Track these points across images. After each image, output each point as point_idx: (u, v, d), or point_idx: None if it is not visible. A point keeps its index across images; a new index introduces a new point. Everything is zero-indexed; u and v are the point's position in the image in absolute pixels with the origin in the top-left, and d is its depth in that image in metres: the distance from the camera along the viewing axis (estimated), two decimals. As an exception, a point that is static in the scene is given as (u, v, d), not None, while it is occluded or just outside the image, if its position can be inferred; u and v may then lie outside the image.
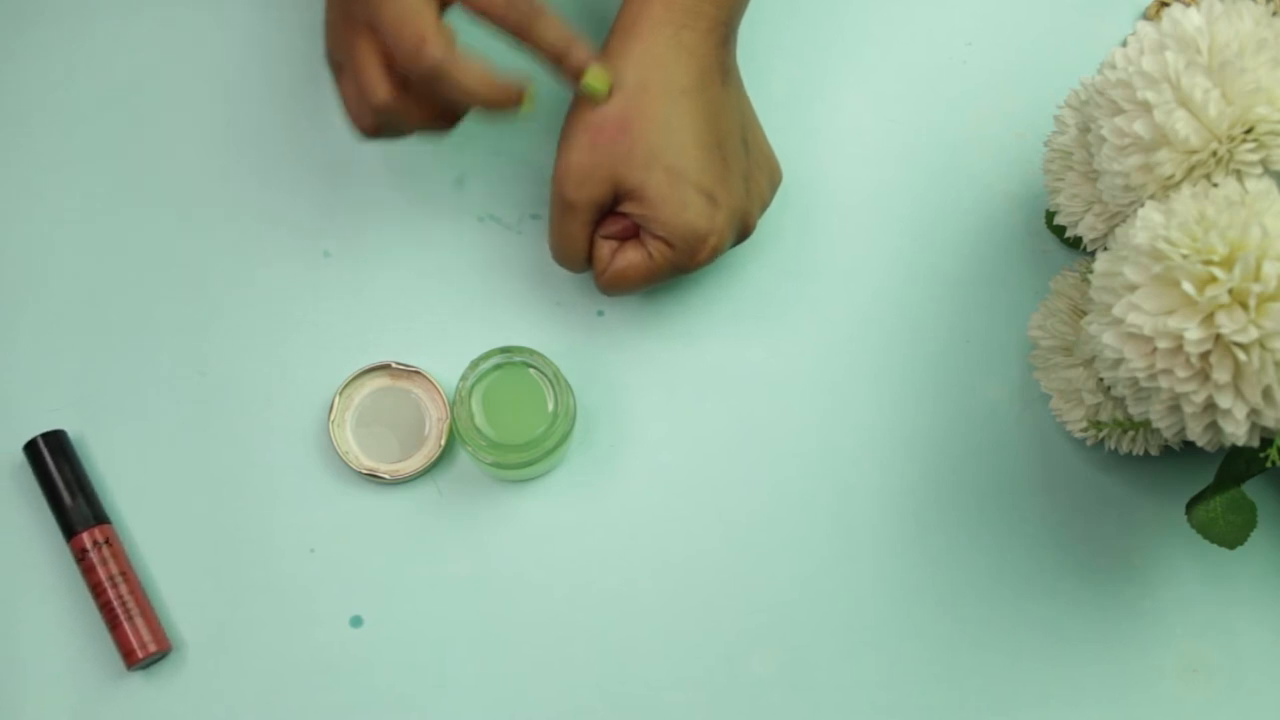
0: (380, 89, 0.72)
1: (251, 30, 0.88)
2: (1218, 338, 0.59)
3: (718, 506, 0.82)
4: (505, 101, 0.73)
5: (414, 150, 0.86)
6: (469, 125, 0.79)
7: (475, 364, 0.75)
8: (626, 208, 0.76)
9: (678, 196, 0.75)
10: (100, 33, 0.87)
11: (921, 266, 0.86)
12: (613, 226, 0.78)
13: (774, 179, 0.81)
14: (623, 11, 0.77)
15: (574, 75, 0.74)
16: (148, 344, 0.82)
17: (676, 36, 0.75)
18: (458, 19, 0.73)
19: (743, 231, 0.79)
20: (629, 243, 0.78)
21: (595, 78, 0.74)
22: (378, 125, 0.75)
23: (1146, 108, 0.65)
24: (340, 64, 0.75)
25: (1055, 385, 0.80)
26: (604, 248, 0.79)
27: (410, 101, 0.73)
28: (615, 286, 0.79)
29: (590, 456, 0.82)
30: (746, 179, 0.78)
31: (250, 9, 0.88)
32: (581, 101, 0.76)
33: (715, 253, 0.77)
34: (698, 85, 0.76)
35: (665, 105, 0.75)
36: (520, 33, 0.73)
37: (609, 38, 0.77)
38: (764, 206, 0.81)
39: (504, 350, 0.75)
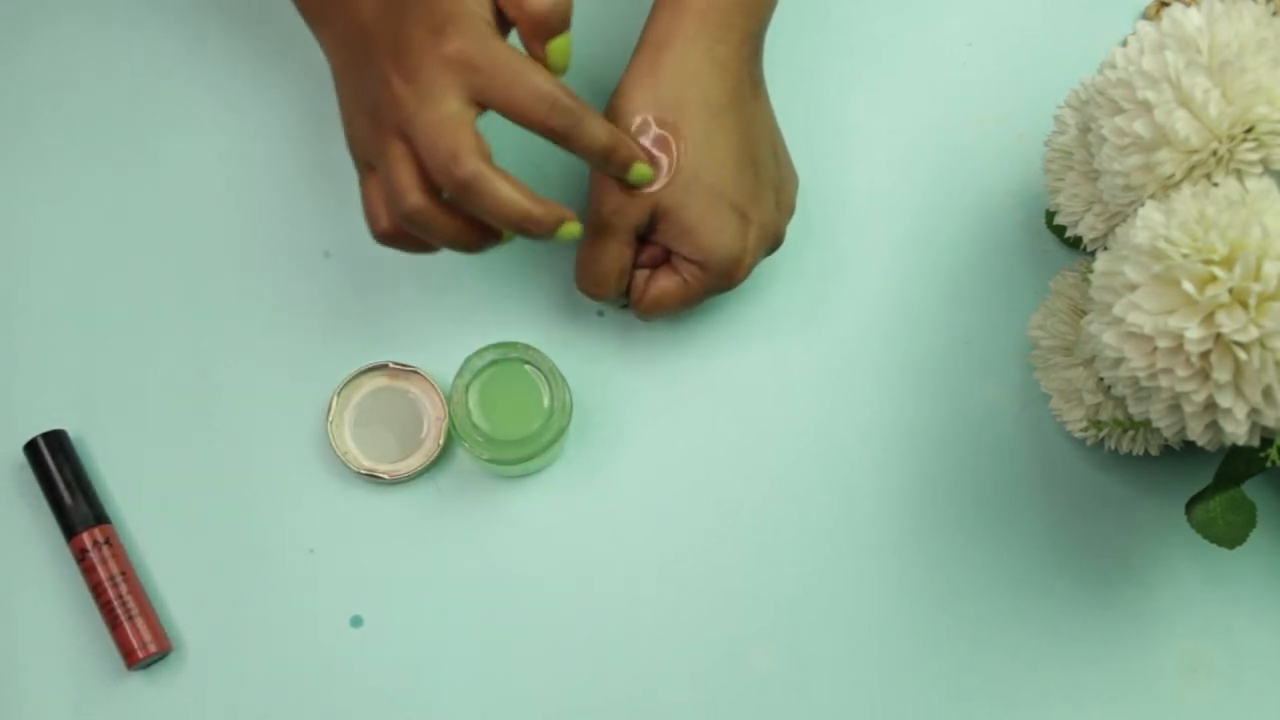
0: (412, 194, 0.67)
1: (255, 31, 0.88)
2: (1218, 337, 0.59)
3: (717, 504, 0.82)
4: (538, 227, 0.67)
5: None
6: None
7: (471, 360, 0.75)
8: (660, 231, 0.76)
9: (714, 219, 0.75)
10: (103, 35, 0.87)
11: (922, 266, 0.86)
12: (643, 255, 0.78)
13: (797, 184, 0.81)
14: (652, 26, 0.76)
15: (620, 172, 0.72)
16: (147, 344, 0.82)
17: (711, 51, 0.75)
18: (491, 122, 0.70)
19: (773, 245, 0.80)
20: (662, 269, 0.78)
21: (641, 171, 0.72)
22: (399, 232, 0.70)
23: (1147, 107, 0.65)
24: (367, 164, 0.71)
25: (1055, 385, 0.80)
26: (638, 276, 0.79)
27: (440, 212, 0.68)
28: (652, 313, 0.79)
29: (589, 454, 0.82)
30: (777, 190, 0.78)
31: (254, 8, 0.88)
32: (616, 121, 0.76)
33: (749, 271, 0.77)
34: (733, 101, 0.75)
35: (703, 123, 0.74)
36: (564, 139, 0.68)
37: (638, 52, 0.76)
38: (791, 215, 0.81)
39: (500, 346, 0.75)
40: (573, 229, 0.69)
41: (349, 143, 0.73)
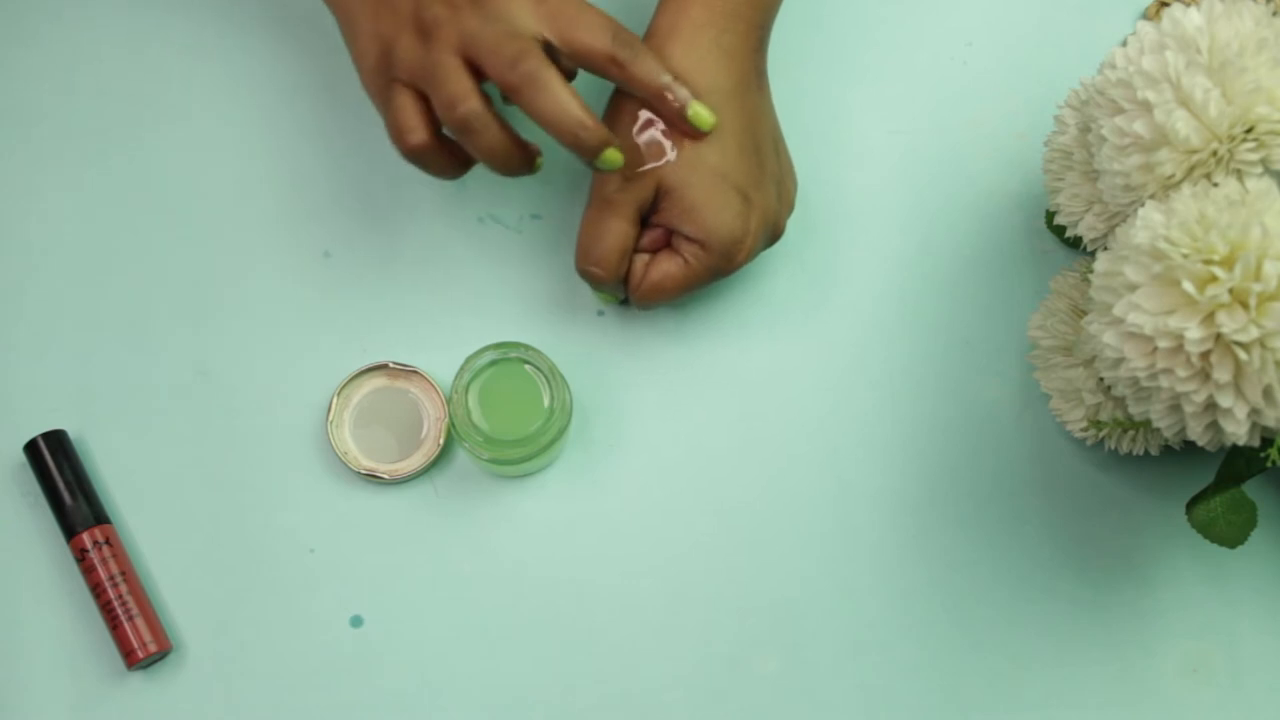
0: (470, 99, 0.70)
1: (256, 31, 0.88)
2: (1218, 337, 0.59)
3: (717, 505, 0.82)
4: (588, 135, 0.71)
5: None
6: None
7: (471, 360, 0.75)
8: (663, 211, 0.76)
9: (718, 198, 0.75)
10: (101, 31, 0.87)
11: (922, 266, 0.86)
12: (644, 238, 0.78)
13: (796, 183, 0.82)
14: (659, 15, 0.77)
15: (678, 111, 0.74)
16: (148, 344, 0.82)
17: (717, 40, 0.76)
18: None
19: (773, 235, 0.80)
20: (662, 253, 0.78)
21: (701, 112, 0.74)
22: (432, 146, 0.73)
23: (1147, 107, 0.66)
24: (399, 83, 0.73)
25: (1055, 385, 0.80)
26: (636, 261, 0.79)
27: (494, 119, 0.71)
28: (651, 298, 0.79)
29: (589, 455, 0.82)
30: (778, 183, 0.79)
31: (254, 8, 0.88)
32: (618, 102, 0.77)
33: (750, 255, 0.78)
34: (738, 89, 0.76)
35: (709, 105, 0.75)
36: (623, 67, 0.73)
37: (646, 40, 0.77)
38: (790, 210, 0.81)
39: (499, 346, 0.76)
40: (615, 156, 0.73)
41: (374, 65, 0.74)
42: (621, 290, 0.80)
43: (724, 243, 0.76)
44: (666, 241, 0.78)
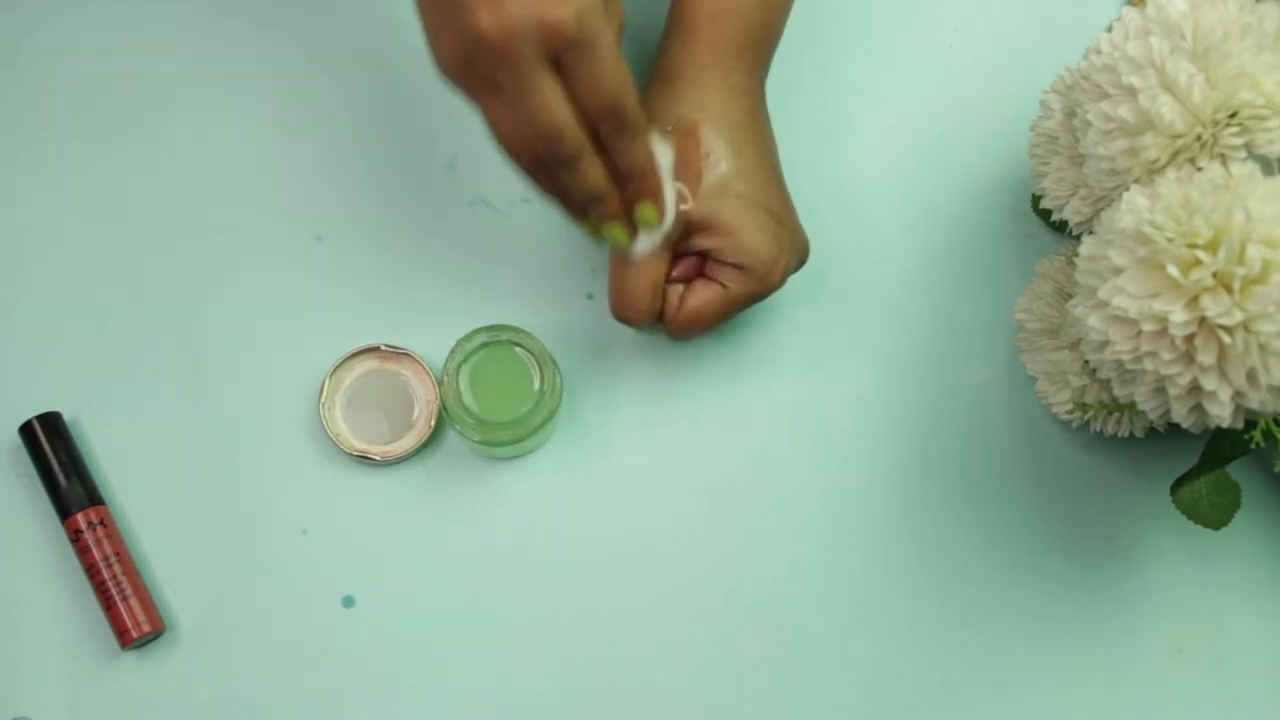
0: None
1: (246, 17, 0.88)
2: (1202, 320, 0.60)
3: (706, 486, 0.82)
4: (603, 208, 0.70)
5: (405, 136, 0.86)
6: (461, 109, 0.79)
7: (462, 343, 0.75)
8: (697, 241, 0.75)
9: (751, 220, 0.75)
10: (98, 21, 0.87)
11: (909, 250, 0.86)
12: (676, 269, 0.77)
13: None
14: (663, 58, 0.77)
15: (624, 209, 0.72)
16: (142, 327, 0.83)
17: (725, 79, 0.76)
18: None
19: (802, 257, 0.79)
20: (697, 281, 0.77)
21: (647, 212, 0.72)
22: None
23: (1131, 93, 0.66)
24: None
25: (1041, 368, 0.81)
26: (671, 293, 0.77)
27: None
28: (688, 328, 0.77)
29: (580, 436, 0.82)
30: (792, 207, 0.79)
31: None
32: None
33: (785, 275, 0.77)
34: (749, 120, 0.77)
35: (725, 138, 0.75)
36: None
37: (650, 84, 0.77)
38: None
39: (490, 329, 0.76)
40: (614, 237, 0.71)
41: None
42: (661, 326, 0.79)
43: (763, 263, 0.75)
44: (699, 270, 0.77)
